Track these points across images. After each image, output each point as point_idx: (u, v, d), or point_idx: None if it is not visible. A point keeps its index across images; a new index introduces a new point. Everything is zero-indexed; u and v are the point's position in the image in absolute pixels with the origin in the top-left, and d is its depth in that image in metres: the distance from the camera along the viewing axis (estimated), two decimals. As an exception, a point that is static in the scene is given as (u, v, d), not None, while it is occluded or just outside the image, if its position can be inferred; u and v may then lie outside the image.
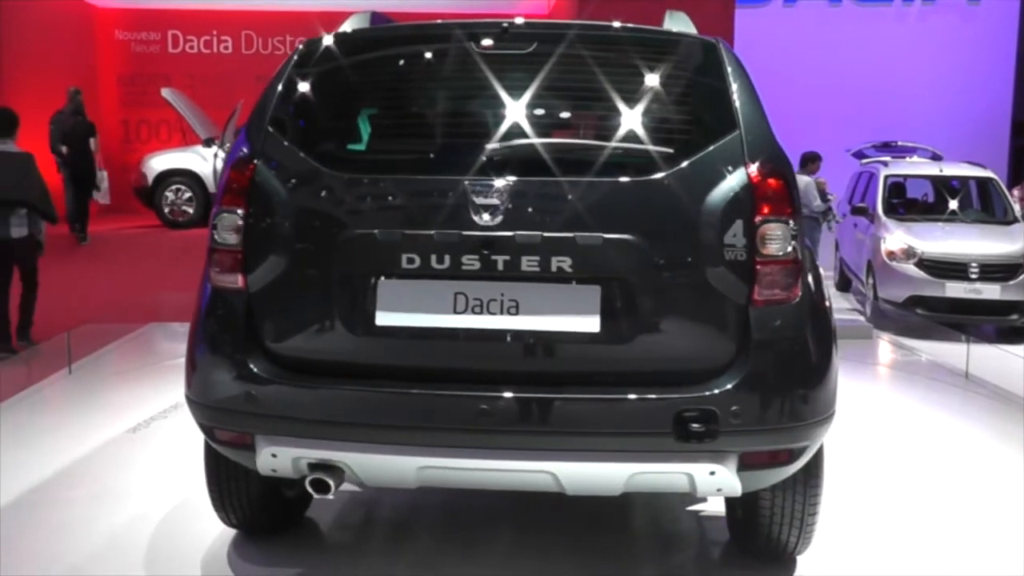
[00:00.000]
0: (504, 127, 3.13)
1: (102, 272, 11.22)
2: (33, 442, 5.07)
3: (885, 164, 11.34)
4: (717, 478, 2.89)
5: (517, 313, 2.91)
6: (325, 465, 2.98)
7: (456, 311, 2.92)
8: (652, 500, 4.12)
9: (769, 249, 2.92)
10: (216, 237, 3.08)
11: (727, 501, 3.65)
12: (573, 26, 3.32)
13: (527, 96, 3.14)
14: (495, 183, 2.91)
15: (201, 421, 3.13)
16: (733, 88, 3.13)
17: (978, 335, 9.17)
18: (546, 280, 2.90)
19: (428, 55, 3.43)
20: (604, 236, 2.89)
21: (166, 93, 15.20)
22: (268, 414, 2.97)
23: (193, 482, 4.00)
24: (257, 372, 2.98)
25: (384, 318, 2.95)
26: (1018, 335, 9.55)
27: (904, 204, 11.31)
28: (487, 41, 3.24)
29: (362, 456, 2.95)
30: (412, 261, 2.91)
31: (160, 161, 15.24)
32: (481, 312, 2.92)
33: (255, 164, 3.08)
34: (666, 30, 3.44)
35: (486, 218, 2.89)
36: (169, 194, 14.85)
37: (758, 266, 2.91)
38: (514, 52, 3.21)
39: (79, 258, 12.36)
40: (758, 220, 2.91)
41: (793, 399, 2.96)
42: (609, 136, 3.10)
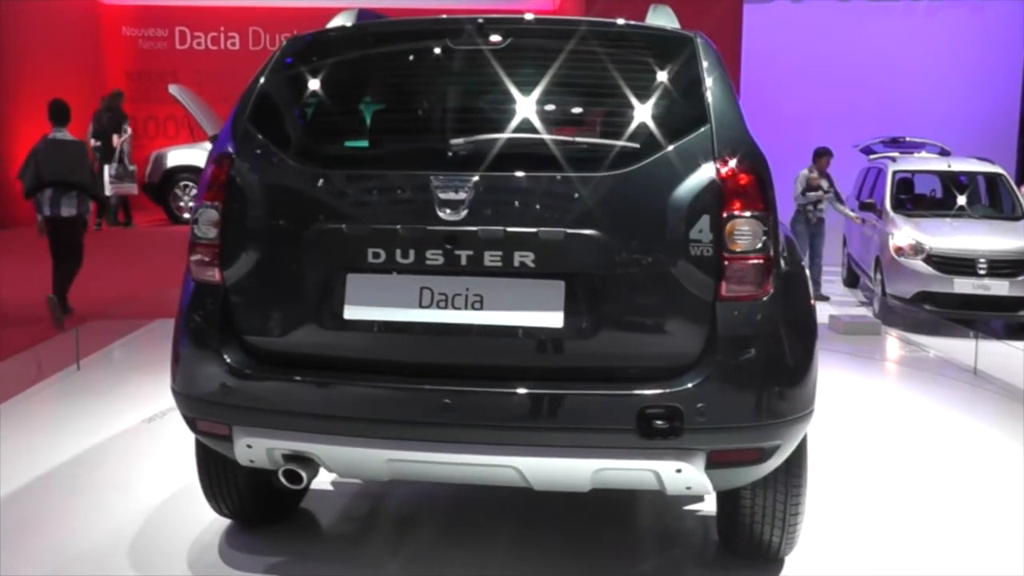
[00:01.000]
0: (471, 122, 3.21)
1: (110, 268, 11.23)
2: (45, 434, 5.10)
3: (893, 160, 11.30)
4: (684, 476, 2.87)
5: (482, 308, 2.93)
6: (299, 456, 3.02)
7: (422, 305, 2.95)
8: (655, 498, 4.10)
9: (737, 245, 2.89)
10: (196, 232, 3.16)
11: (718, 501, 3.63)
12: (545, 21, 3.36)
13: (495, 92, 3.20)
14: (460, 178, 2.93)
15: (184, 412, 3.22)
16: (706, 83, 3.10)
17: (986, 331, 9.14)
18: (510, 275, 2.91)
19: (398, 52, 3.48)
20: (567, 231, 2.89)
21: (173, 89, 15.23)
22: (243, 405, 3.03)
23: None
24: (233, 364, 3.04)
25: (352, 312, 2.98)
26: (1027, 331, 9.52)
27: (912, 200, 11.28)
28: (457, 38, 3.29)
29: (332, 448, 2.98)
30: (378, 256, 2.95)
31: (168, 157, 15.27)
32: (447, 307, 2.94)
33: (233, 160, 3.15)
34: (640, 24, 3.41)
35: (450, 213, 2.91)
36: (177, 191, 14.88)
37: (725, 262, 2.89)
38: (484, 48, 3.24)
39: (87, 254, 12.38)
40: (726, 215, 2.89)
41: (762, 397, 2.93)
42: (576, 131, 3.12)
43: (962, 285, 9.33)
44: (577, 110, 3.15)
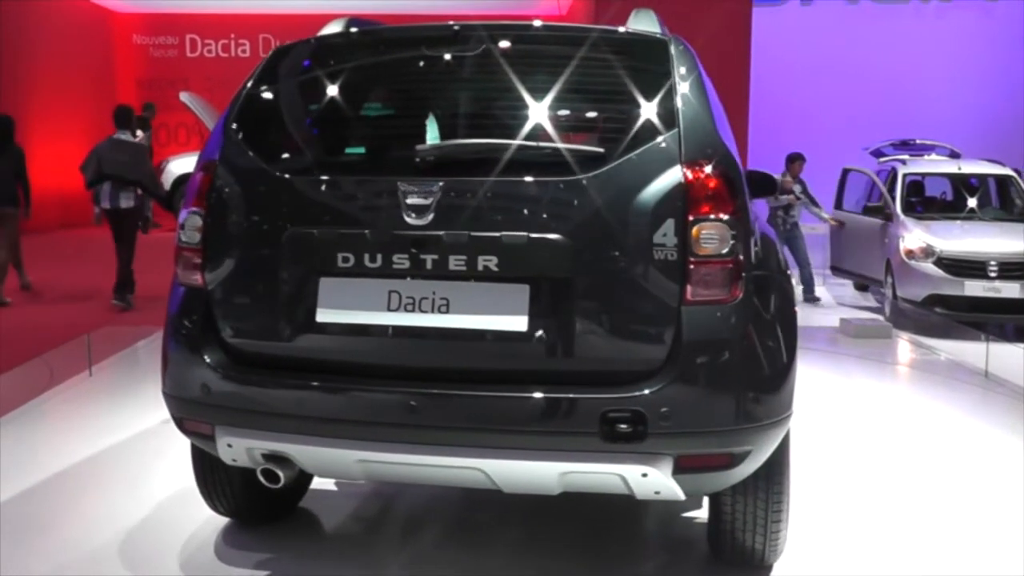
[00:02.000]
0: (439, 128, 3.25)
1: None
2: (56, 437, 5.15)
3: (903, 162, 11.29)
4: (651, 480, 2.87)
5: (448, 311, 2.95)
6: (277, 456, 3.09)
7: (391, 309, 2.99)
8: (661, 505, 4.09)
9: (703, 249, 2.88)
10: (182, 236, 3.26)
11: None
12: (518, 27, 3.38)
13: (464, 98, 3.26)
14: (426, 183, 2.96)
15: (172, 413, 3.30)
16: (677, 86, 3.09)
17: (997, 334, 9.13)
18: (474, 279, 2.94)
19: (371, 60, 3.54)
20: (530, 235, 2.90)
21: (184, 97, 15.30)
22: (224, 406, 3.11)
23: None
24: (214, 366, 3.12)
25: (324, 315, 3.04)
26: (1038, 334, 9.50)
27: (923, 202, 11.25)
28: (427, 46, 3.38)
29: (306, 448, 3.04)
30: (347, 260, 3.00)
31: (178, 165, 15.37)
32: (414, 310, 2.97)
33: (216, 167, 3.24)
34: (611, 29, 3.41)
35: (416, 218, 2.94)
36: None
37: (691, 266, 2.87)
38: (453, 55, 3.31)
39: (98, 261, 12.45)
40: (692, 219, 2.88)
41: (730, 402, 2.91)
42: (543, 136, 3.13)
43: (973, 288, 9.29)
44: (545, 115, 3.16)
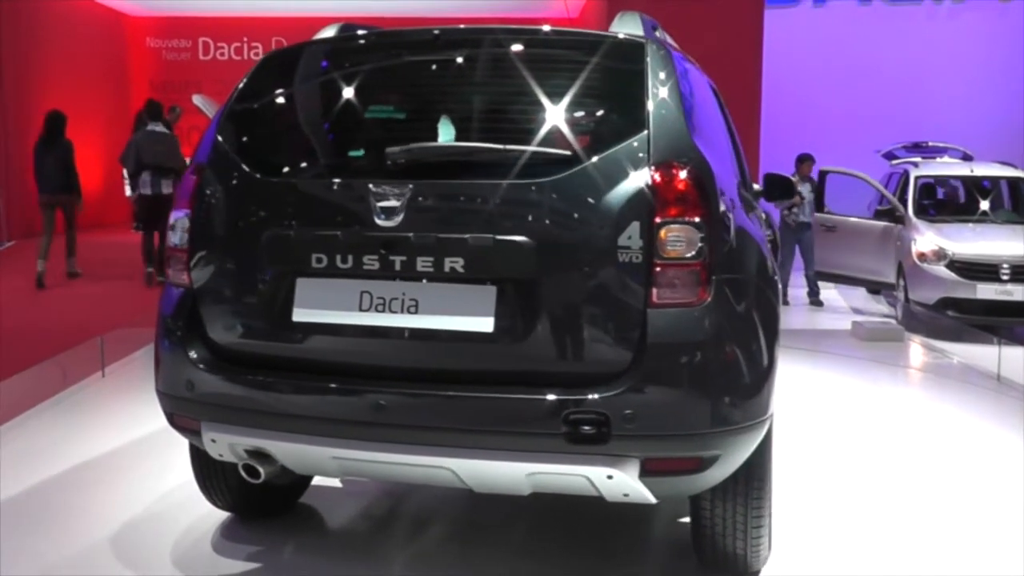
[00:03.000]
0: (411, 131, 3.32)
1: (133, 277, 11.35)
2: (70, 437, 5.17)
3: (915, 165, 11.26)
4: (617, 482, 2.87)
5: (417, 312, 2.99)
6: (258, 452, 3.16)
7: (362, 309, 3.04)
8: (669, 508, 4.10)
9: (670, 251, 2.87)
10: (171, 237, 3.37)
11: None
12: (492, 31, 3.41)
13: (438, 101, 3.33)
14: (396, 185, 3.00)
15: (164, 409, 3.38)
16: (650, 89, 3.08)
17: (1010, 337, 9.09)
18: (442, 280, 2.97)
19: (345, 65, 3.59)
20: (496, 237, 2.92)
21: (197, 100, 15.34)
22: (208, 402, 3.20)
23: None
24: (199, 363, 3.21)
25: (300, 315, 3.11)
26: (1051, 337, 9.46)
27: (935, 205, 11.22)
28: (399, 51, 3.48)
29: (283, 445, 3.10)
30: (321, 261, 3.06)
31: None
32: (384, 310, 3.02)
33: (203, 171, 3.35)
34: (585, 31, 3.40)
35: (386, 220, 2.99)
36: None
37: (657, 268, 2.86)
38: (435, 59, 3.39)
39: (111, 262, 12.53)
40: (659, 222, 2.87)
41: (696, 406, 2.90)
42: (511, 139, 3.15)
43: (985, 291, 9.26)
44: (517, 118, 3.20)
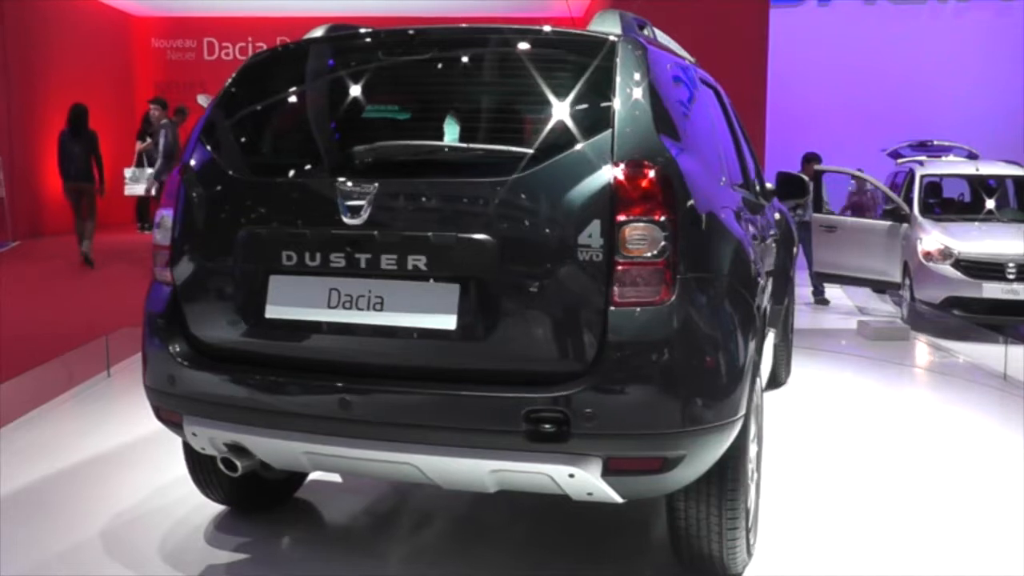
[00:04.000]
0: (379, 130, 3.38)
1: (138, 277, 11.36)
2: (74, 435, 5.17)
3: (921, 164, 11.23)
4: (579, 481, 2.88)
5: (382, 309, 3.03)
6: (237, 446, 3.23)
7: (331, 306, 3.08)
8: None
9: (631, 250, 2.85)
10: (156, 235, 3.46)
11: None
12: (463, 31, 3.46)
13: (413, 100, 3.40)
14: (362, 184, 3.03)
15: (151, 403, 3.47)
16: (617, 87, 3.07)
17: (1016, 336, 9.07)
18: (407, 278, 3.00)
19: (317, 66, 3.65)
20: (458, 235, 2.93)
21: (202, 99, 15.39)
22: (188, 396, 3.27)
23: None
24: (180, 358, 3.29)
25: (273, 311, 3.17)
26: (1058, 336, 9.43)
27: (940, 204, 11.19)
28: (368, 51, 3.54)
29: (257, 439, 3.18)
30: (291, 258, 3.11)
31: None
32: (351, 307, 3.06)
33: (185, 170, 3.44)
34: (555, 29, 3.38)
35: (352, 218, 3.02)
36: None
37: (618, 267, 2.85)
38: (404, 59, 3.46)
39: (115, 262, 12.55)
40: (620, 220, 2.86)
41: (658, 406, 2.88)
42: (477, 137, 3.19)
43: (991, 290, 9.24)
44: (483, 116, 3.24)
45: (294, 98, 3.62)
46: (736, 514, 3.29)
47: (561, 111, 3.10)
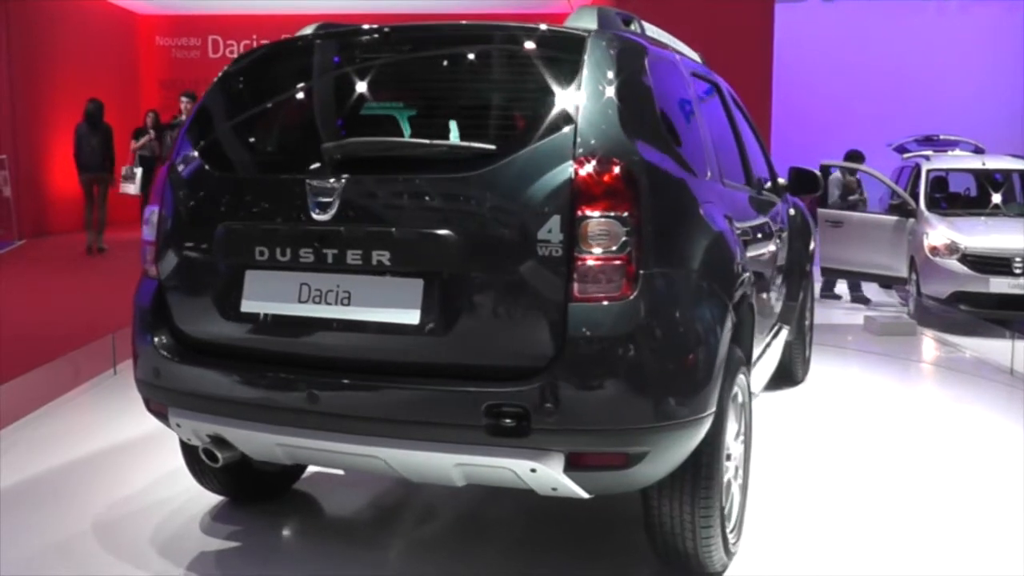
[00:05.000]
0: (350, 127, 3.44)
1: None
2: (79, 433, 5.18)
3: (927, 158, 11.20)
4: (542, 476, 2.88)
5: (349, 304, 3.07)
6: (218, 437, 3.29)
7: (301, 300, 3.13)
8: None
9: (591, 246, 2.85)
10: (145, 231, 3.54)
11: None
12: (433, 28, 3.48)
13: (384, 96, 3.48)
14: (330, 180, 3.08)
15: (141, 394, 3.55)
16: (584, 82, 3.05)
17: (1023, 331, 9.04)
18: (372, 273, 3.04)
19: (291, 65, 3.72)
20: (422, 231, 2.96)
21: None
22: (172, 388, 3.35)
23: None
24: (165, 351, 3.38)
25: (248, 305, 3.23)
26: (1065, 331, 9.40)
27: (947, 199, 11.16)
28: (347, 48, 3.61)
29: (235, 431, 3.24)
30: (263, 253, 3.16)
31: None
32: (320, 302, 3.11)
33: (171, 166, 3.51)
34: (525, 26, 3.35)
35: (320, 213, 3.07)
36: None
37: (578, 263, 2.85)
38: (377, 56, 3.53)
39: (120, 261, 12.56)
40: (580, 216, 2.86)
41: (618, 401, 2.88)
42: (443, 134, 3.21)
43: (998, 285, 9.22)
44: (448, 112, 3.28)
45: (271, 97, 3.67)
46: (710, 512, 3.25)
47: (526, 107, 3.13)
